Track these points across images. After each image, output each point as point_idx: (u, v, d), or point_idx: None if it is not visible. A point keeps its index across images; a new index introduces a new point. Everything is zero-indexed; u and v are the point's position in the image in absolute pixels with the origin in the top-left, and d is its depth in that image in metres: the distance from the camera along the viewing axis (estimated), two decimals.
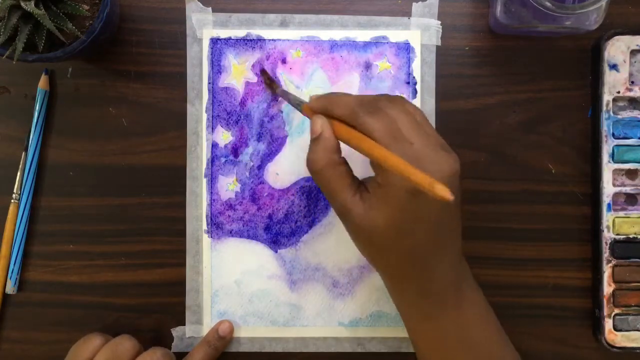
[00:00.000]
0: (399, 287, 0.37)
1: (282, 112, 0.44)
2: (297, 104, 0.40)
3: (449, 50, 0.44)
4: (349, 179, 0.35)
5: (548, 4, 0.36)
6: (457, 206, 0.35)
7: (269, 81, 0.43)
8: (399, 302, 0.38)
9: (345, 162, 0.36)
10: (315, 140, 0.35)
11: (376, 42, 0.44)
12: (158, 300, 0.44)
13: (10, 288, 0.43)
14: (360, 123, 0.34)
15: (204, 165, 0.44)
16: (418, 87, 0.44)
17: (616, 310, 0.43)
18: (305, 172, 0.44)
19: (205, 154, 0.44)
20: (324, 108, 0.36)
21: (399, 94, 0.42)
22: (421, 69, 0.44)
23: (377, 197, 0.34)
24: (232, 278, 0.44)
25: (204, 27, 0.44)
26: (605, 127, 0.43)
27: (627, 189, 0.43)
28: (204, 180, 0.44)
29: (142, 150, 0.44)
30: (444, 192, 0.27)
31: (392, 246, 0.34)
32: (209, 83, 0.44)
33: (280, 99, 0.44)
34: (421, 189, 0.28)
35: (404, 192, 0.33)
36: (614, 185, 0.43)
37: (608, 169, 0.43)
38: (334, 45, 0.44)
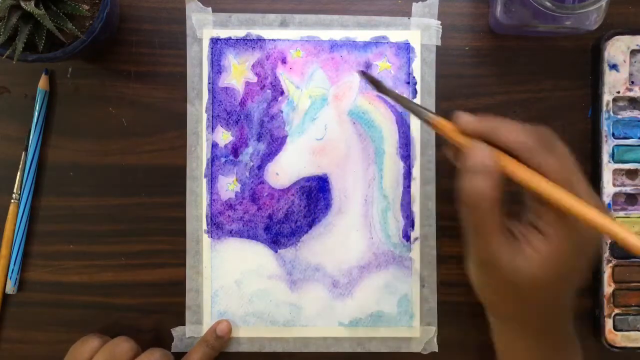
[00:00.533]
0: (516, 333, 0.35)
1: (282, 112, 0.44)
2: (420, 114, 0.35)
3: (449, 50, 0.44)
4: (502, 219, 0.31)
5: (548, 4, 0.36)
6: None
7: (374, 83, 0.38)
8: (505, 344, 0.36)
9: (501, 201, 0.31)
10: (477, 171, 0.31)
11: (376, 42, 0.44)
12: (158, 300, 0.44)
13: (10, 288, 0.43)
14: (536, 161, 0.30)
15: (204, 165, 0.44)
16: (418, 87, 0.44)
17: (616, 310, 0.43)
18: (305, 172, 0.44)
19: (205, 154, 0.44)
20: (484, 133, 0.32)
21: None
22: (421, 69, 0.44)
23: (542, 251, 0.31)
24: (232, 278, 0.44)
25: (204, 27, 0.44)
26: (605, 127, 0.43)
27: (627, 189, 0.43)
28: (204, 180, 0.44)
29: (142, 150, 0.44)
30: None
31: (538, 299, 0.32)
32: (209, 83, 0.44)
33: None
34: (626, 247, 0.27)
35: (571, 245, 0.30)
36: (614, 185, 0.43)
37: (608, 169, 0.43)
38: (334, 45, 0.44)
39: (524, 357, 0.35)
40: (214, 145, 0.44)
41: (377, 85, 0.38)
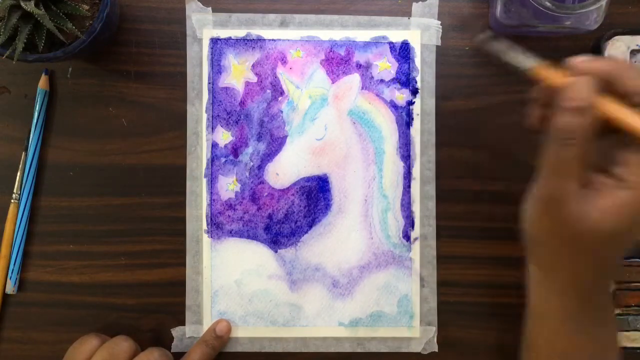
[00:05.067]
0: (560, 287, 0.33)
1: (282, 112, 0.44)
2: (524, 61, 0.34)
3: (449, 50, 0.44)
4: (583, 163, 0.30)
5: (548, 4, 0.36)
6: None
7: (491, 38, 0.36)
8: (546, 299, 0.34)
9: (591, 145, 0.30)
10: (574, 106, 0.29)
11: (376, 42, 0.44)
12: (158, 300, 0.44)
13: (10, 288, 0.43)
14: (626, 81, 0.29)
15: (204, 165, 0.44)
16: (418, 87, 0.44)
17: (616, 310, 0.43)
18: (305, 172, 0.44)
19: (205, 154, 0.44)
20: (600, 74, 0.30)
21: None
22: (421, 69, 0.44)
23: (617, 199, 0.29)
24: (232, 278, 0.44)
25: (204, 27, 0.44)
26: None
27: None
28: (204, 180, 0.44)
29: (142, 150, 0.44)
30: None
31: (596, 252, 0.31)
32: (209, 83, 0.44)
33: (284, 97, 0.44)
34: None
35: None
36: None
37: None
38: (334, 45, 0.44)
39: (558, 317, 0.34)
40: (214, 145, 0.44)
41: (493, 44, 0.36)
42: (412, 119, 0.44)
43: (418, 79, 0.44)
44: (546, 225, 0.32)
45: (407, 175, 0.44)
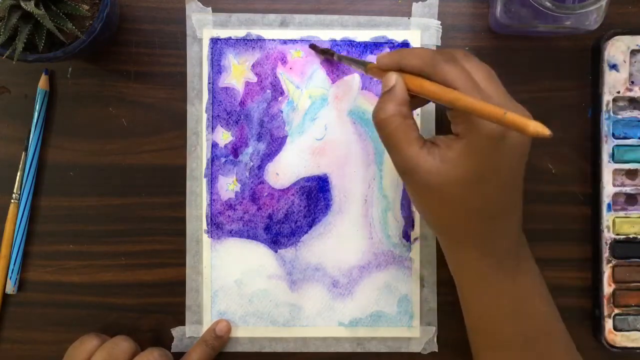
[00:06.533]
0: (460, 246, 0.36)
1: (282, 112, 0.44)
2: (361, 65, 0.39)
3: None
4: (415, 132, 0.34)
5: (548, 4, 0.36)
6: (523, 167, 0.35)
7: (322, 52, 0.43)
8: (457, 262, 0.37)
9: (412, 118, 0.35)
10: (386, 92, 0.34)
11: (376, 42, 0.44)
12: (158, 300, 0.44)
13: (10, 288, 0.43)
14: (438, 72, 0.33)
15: (204, 165, 0.44)
16: None
17: (616, 310, 0.43)
18: (305, 172, 0.44)
19: (205, 154, 0.44)
20: (396, 62, 0.35)
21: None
22: None
23: (454, 149, 0.33)
24: (232, 278, 0.44)
25: (204, 27, 0.44)
26: (605, 127, 0.43)
27: (627, 189, 0.43)
28: (204, 180, 0.44)
29: (142, 150, 0.44)
30: (542, 128, 0.27)
31: (463, 201, 0.34)
32: (209, 83, 0.44)
33: (280, 92, 0.44)
34: (517, 129, 0.28)
35: (487, 141, 0.32)
36: (614, 185, 0.43)
37: (608, 169, 0.43)
38: (334, 45, 0.44)
39: (471, 269, 0.36)
40: (214, 145, 0.44)
41: (327, 53, 0.43)
42: None
43: None
44: (417, 195, 0.35)
45: None
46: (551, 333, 0.37)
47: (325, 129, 0.44)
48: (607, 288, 0.43)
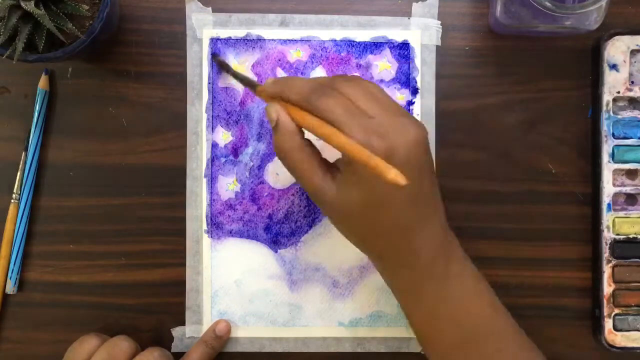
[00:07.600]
0: (385, 263, 0.37)
1: None
2: (251, 86, 0.39)
3: (449, 50, 0.44)
4: (316, 160, 0.35)
5: (548, 4, 0.36)
6: (432, 174, 0.35)
7: (219, 64, 0.43)
8: (389, 279, 0.37)
9: (310, 144, 0.35)
10: (275, 127, 0.34)
11: (376, 42, 0.44)
12: (158, 300, 0.44)
13: (10, 288, 0.43)
14: (314, 107, 0.33)
15: (204, 165, 0.44)
16: (418, 87, 0.44)
17: (616, 310, 0.43)
18: None
19: (205, 154, 0.44)
20: (279, 93, 0.35)
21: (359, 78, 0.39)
22: (421, 69, 0.44)
23: (347, 175, 0.33)
24: (232, 278, 0.44)
25: (204, 27, 0.44)
26: (605, 127, 0.43)
27: (627, 189, 0.43)
28: (204, 180, 0.44)
29: (142, 150, 0.44)
30: (401, 177, 0.27)
31: (369, 224, 0.34)
32: (209, 83, 0.44)
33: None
34: (377, 173, 0.28)
35: (352, 168, 0.33)
36: (614, 185, 0.43)
37: (608, 169, 0.43)
38: (334, 45, 0.44)
39: (402, 282, 0.37)
40: (214, 145, 0.44)
41: (224, 67, 0.43)
42: None
43: (418, 79, 0.44)
44: (332, 219, 0.36)
45: None
46: (495, 332, 0.37)
47: None
48: (607, 288, 0.43)
